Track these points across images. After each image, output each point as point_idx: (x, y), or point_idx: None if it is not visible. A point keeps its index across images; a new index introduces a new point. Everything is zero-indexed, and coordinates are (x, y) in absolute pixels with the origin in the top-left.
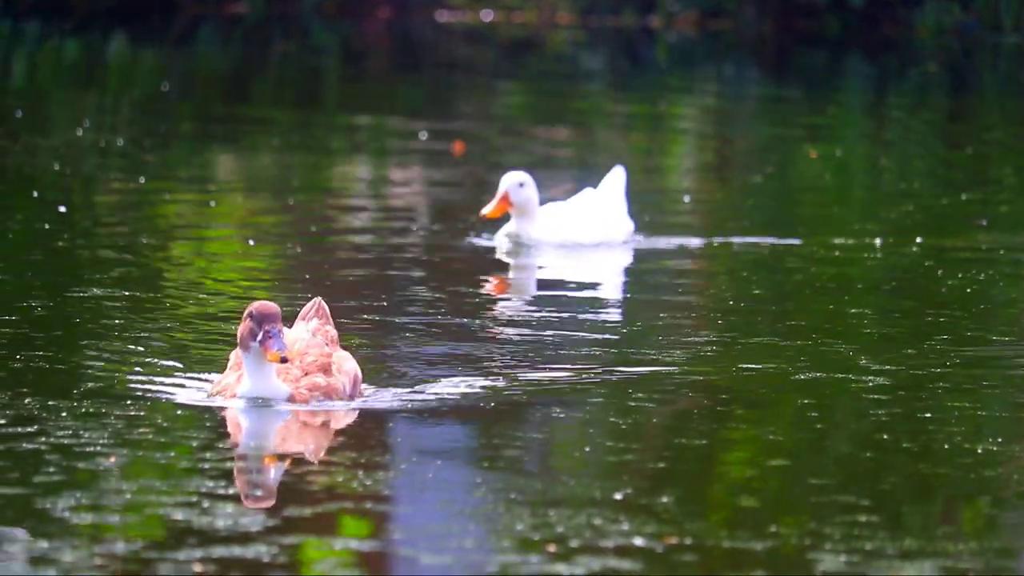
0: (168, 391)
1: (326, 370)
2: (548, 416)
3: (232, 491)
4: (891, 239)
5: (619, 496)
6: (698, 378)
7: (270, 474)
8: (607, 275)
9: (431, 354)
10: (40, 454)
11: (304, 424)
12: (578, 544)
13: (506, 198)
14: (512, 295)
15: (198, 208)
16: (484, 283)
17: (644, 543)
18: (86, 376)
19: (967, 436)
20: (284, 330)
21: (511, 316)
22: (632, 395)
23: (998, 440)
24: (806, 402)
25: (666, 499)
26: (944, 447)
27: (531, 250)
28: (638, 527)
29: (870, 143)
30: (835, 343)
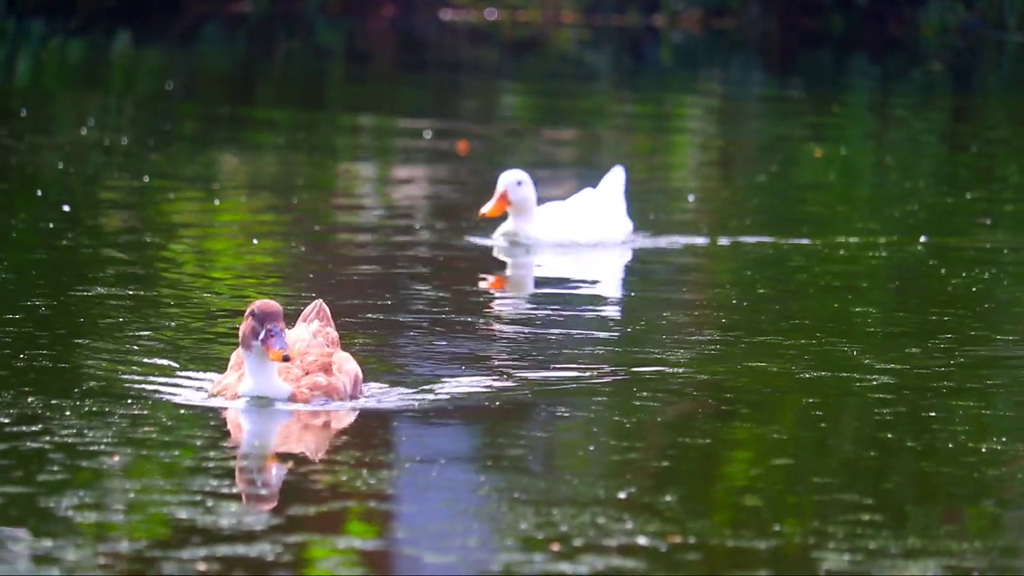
0: (172, 390)
1: (327, 370)
2: (552, 415)
3: (236, 490)
4: (896, 238)
5: (623, 495)
6: (702, 377)
7: (274, 473)
8: (610, 274)
9: (434, 353)
10: (44, 453)
11: (308, 423)
12: (582, 543)
13: (504, 196)
14: (514, 294)
15: (202, 207)
16: (486, 282)
17: (648, 542)
18: (89, 375)
19: (971, 435)
20: (285, 331)
21: (514, 315)
22: (636, 394)
23: (1002, 439)
24: (810, 401)
25: (670, 498)
26: (948, 446)
27: (529, 249)
28: (642, 526)
29: (875, 142)
30: (839, 342)
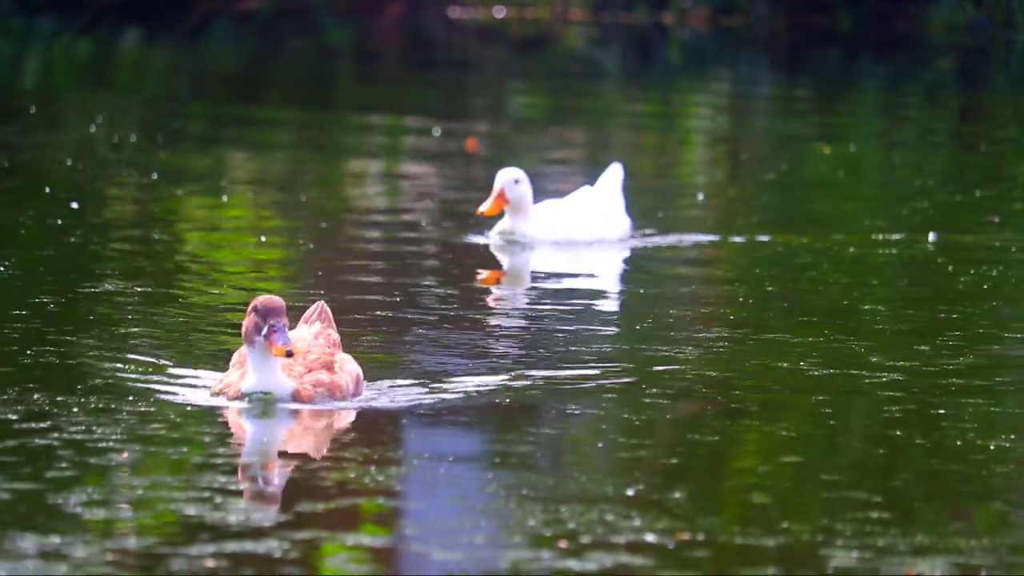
0: (180, 387)
1: (329, 368)
2: (560, 412)
3: (244, 487)
4: (904, 236)
5: (631, 492)
6: (710, 374)
7: (281, 470)
8: (616, 272)
9: (440, 351)
10: (52, 450)
11: (315, 421)
12: (590, 540)
13: (502, 195)
14: (518, 293)
15: (210, 204)
16: (489, 281)
17: (656, 539)
18: (97, 371)
19: (979, 433)
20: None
21: (520, 313)
22: (644, 391)
23: (1011, 437)
24: (818, 399)
25: (678, 495)
26: (957, 444)
27: (526, 247)
28: (650, 523)
29: (883, 140)
30: (848, 340)
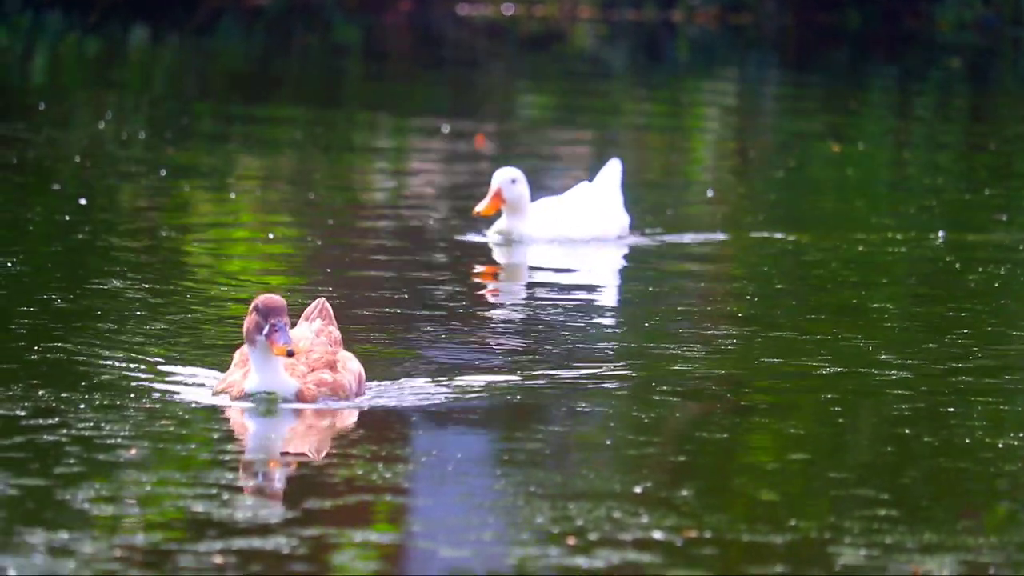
0: (188, 384)
1: (332, 367)
2: (567, 410)
3: (251, 484)
4: (913, 234)
5: (639, 489)
6: (718, 372)
7: (289, 467)
8: (624, 270)
9: (446, 349)
10: (59, 446)
11: (321, 418)
12: (597, 537)
13: (499, 195)
14: (524, 291)
15: (218, 201)
16: (493, 279)
17: (664, 537)
18: (105, 368)
19: (988, 431)
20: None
21: (527, 311)
22: (652, 389)
23: (1019, 435)
24: (827, 397)
25: (686, 493)
26: (965, 441)
27: (525, 247)
28: (658, 521)
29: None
30: (856, 338)
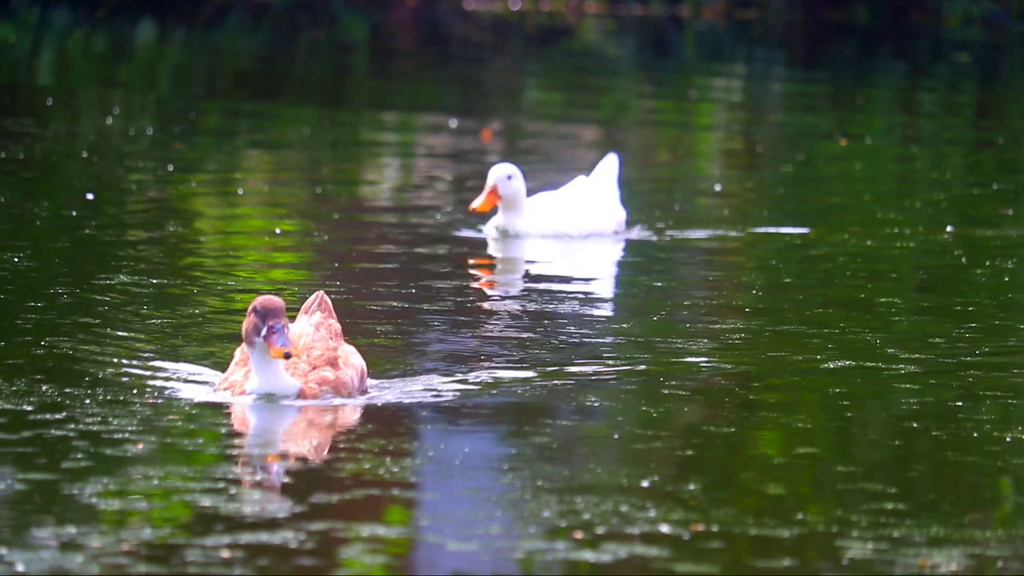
0: (195, 379)
1: (333, 364)
2: (575, 404)
3: (259, 478)
4: (921, 228)
5: (646, 483)
6: (726, 366)
7: (296, 462)
8: (631, 265)
9: (453, 345)
10: (67, 441)
11: (327, 414)
12: (605, 531)
13: (495, 191)
14: (528, 286)
15: (225, 196)
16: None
17: (671, 530)
18: (112, 363)
19: (996, 424)
20: (288, 325)
21: (533, 306)
22: (659, 383)
23: None
24: (834, 391)
25: (693, 486)
26: (973, 435)
27: (521, 242)
28: (665, 514)
29: (900, 133)
30: (863, 332)
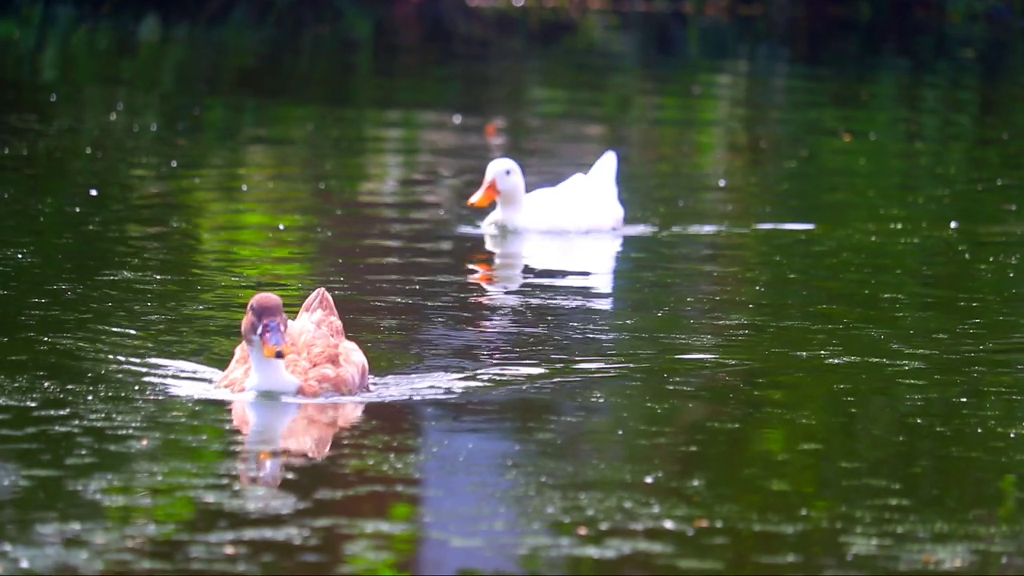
0: (199, 376)
1: (334, 361)
2: (579, 400)
3: (263, 475)
4: (924, 224)
5: (650, 479)
6: (730, 362)
7: (300, 458)
8: (634, 261)
9: (456, 341)
10: (71, 437)
11: (331, 410)
12: (608, 527)
13: (493, 186)
14: (530, 283)
15: (229, 192)
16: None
17: (675, 526)
18: (116, 359)
19: (1000, 420)
20: (288, 322)
21: (536, 303)
22: (663, 379)
23: None
24: (838, 386)
25: (697, 482)
26: (977, 431)
27: (520, 238)
28: (669, 510)
29: (903, 128)
30: (868, 328)
